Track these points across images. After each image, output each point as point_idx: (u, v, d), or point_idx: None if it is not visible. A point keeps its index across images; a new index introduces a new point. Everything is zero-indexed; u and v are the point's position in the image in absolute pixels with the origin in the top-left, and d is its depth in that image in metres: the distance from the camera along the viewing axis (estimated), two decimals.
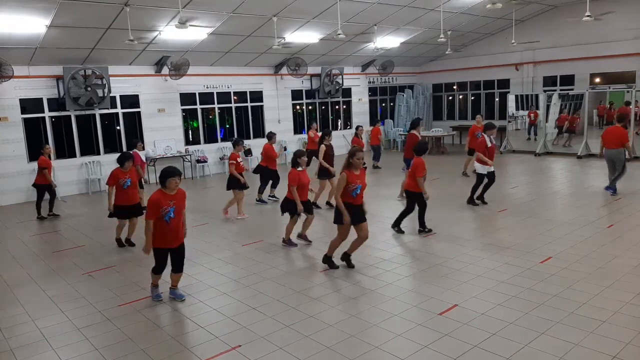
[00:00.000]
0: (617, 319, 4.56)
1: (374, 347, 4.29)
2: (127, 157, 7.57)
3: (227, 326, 4.85)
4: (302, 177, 7.03)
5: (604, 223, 7.76)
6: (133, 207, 7.62)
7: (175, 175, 5.17)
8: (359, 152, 5.77)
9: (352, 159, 5.78)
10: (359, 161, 5.77)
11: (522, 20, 16.46)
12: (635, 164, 13.20)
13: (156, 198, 5.11)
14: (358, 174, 5.84)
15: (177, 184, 5.18)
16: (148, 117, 13.92)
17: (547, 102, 15.96)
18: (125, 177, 7.44)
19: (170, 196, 5.18)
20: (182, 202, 5.33)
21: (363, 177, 5.92)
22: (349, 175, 5.77)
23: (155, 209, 5.08)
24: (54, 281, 6.43)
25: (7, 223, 9.97)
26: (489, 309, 4.90)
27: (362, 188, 5.85)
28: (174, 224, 5.18)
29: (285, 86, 16.66)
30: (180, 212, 5.26)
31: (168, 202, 5.12)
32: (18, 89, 11.80)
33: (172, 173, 5.18)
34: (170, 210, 5.12)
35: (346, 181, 5.75)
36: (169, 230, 5.18)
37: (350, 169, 5.80)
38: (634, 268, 5.80)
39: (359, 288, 5.64)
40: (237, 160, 9.02)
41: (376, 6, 12.25)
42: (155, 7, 9.97)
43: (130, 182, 7.47)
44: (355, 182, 5.78)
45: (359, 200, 5.91)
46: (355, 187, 5.77)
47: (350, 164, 5.80)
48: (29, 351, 4.57)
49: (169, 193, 5.19)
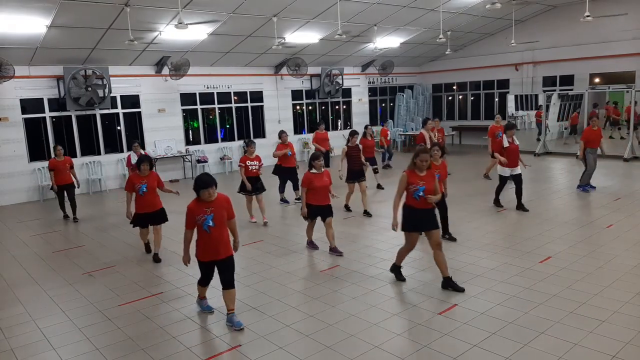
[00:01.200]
0: (617, 319, 4.57)
1: (374, 347, 4.30)
2: (142, 160, 6.96)
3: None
4: (316, 181, 6.66)
5: (604, 223, 7.76)
6: (153, 214, 7.00)
7: (209, 187, 4.62)
8: (424, 154, 5.29)
9: (415, 160, 5.33)
10: (421, 162, 5.29)
11: (521, 20, 16.46)
12: (635, 164, 13.21)
13: (190, 206, 4.72)
14: (423, 175, 5.34)
15: (210, 195, 4.62)
16: (148, 117, 13.93)
17: (547, 102, 15.98)
18: (141, 181, 6.87)
19: (207, 203, 4.67)
20: (222, 209, 4.73)
21: (431, 179, 5.38)
22: (410, 175, 5.35)
23: (189, 217, 4.70)
24: (54, 281, 6.44)
25: (7, 223, 9.98)
26: (488, 309, 4.91)
27: (427, 190, 5.29)
28: (215, 233, 4.68)
29: (286, 86, 16.67)
30: (221, 220, 4.71)
31: (204, 210, 4.64)
32: (19, 89, 11.81)
33: (205, 184, 4.62)
34: (207, 219, 4.64)
35: (406, 182, 5.33)
36: (210, 241, 4.71)
37: (413, 170, 5.37)
38: (633, 268, 5.81)
39: (359, 288, 5.64)
40: (246, 164, 8.53)
41: (376, 6, 12.26)
42: (155, 7, 9.98)
43: (147, 188, 6.86)
44: (417, 183, 5.29)
45: (425, 203, 5.33)
46: (416, 189, 5.28)
47: (414, 164, 5.36)
48: (29, 351, 4.58)
49: (205, 200, 4.70)
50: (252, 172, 8.50)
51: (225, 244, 4.77)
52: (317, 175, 6.69)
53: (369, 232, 8.06)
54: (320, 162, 6.72)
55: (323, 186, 6.70)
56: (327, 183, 6.75)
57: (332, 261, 6.60)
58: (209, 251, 4.75)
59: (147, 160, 6.96)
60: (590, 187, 10.06)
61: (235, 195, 8.36)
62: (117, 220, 9.70)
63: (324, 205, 6.77)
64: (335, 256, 6.76)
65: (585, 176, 10.00)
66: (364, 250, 7.06)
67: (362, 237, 7.78)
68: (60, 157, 9.64)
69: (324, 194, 6.75)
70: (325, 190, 6.75)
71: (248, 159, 8.55)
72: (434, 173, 5.50)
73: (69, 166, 9.71)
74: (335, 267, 6.40)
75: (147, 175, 6.92)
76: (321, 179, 6.70)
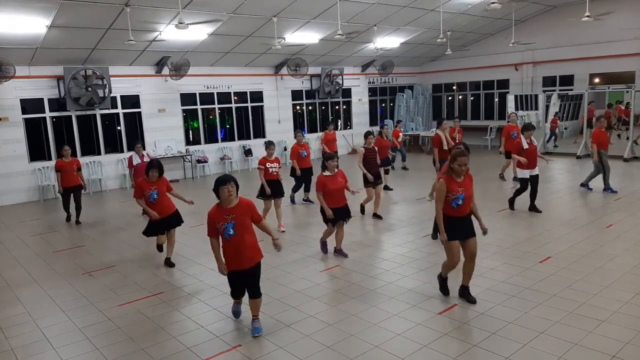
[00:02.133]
0: (617, 319, 4.57)
1: (374, 347, 4.30)
2: (152, 166, 6.54)
3: (227, 326, 4.86)
4: (330, 183, 6.42)
5: (604, 223, 7.76)
6: (167, 218, 6.66)
7: (227, 183, 4.31)
8: (462, 157, 4.78)
9: (452, 164, 4.86)
10: (460, 167, 4.81)
11: (521, 20, 16.47)
12: (635, 164, 13.21)
13: (210, 213, 4.46)
14: (461, 181, 4.90)
15: (230, 192, 4.31)
16: (148, 118, 13.93)
17: (547, 102, 15.98)
18: (150, 188, 6.52)
19: (228, 210, 4.38)
20: (245, 215, 4.43)
21: (469, 184, 4.96)
22: (449, 182, 4.86)
23: (210, 224, 4.46)
24: (55, 281, 6.44)
25: (7, 223, 9.98)
26: (488, 309, 4.90)
27: (466, 198, 4.90)
28: (236, 241, 4.40)
29: (286, 86, 16.68)
30: (244, 227, 4.41)
31: (224, 217, 4.36)
32: (19, 89, 11.82)
33: (222, 181, 4.33)
34: (227, 227, 4.35)
35: (445, 190, 4.86)
36: (232, 250, 4.44)
37: (451, 175, 4.90)
38: (633, 268, 5.81)
39: (359, 288, 5.64)
40: (265, 166, 7.96)
41: (376, 6, 12.26)
42: (156, 8, 9.99)
43: (158, 194, 6.53)
44: (456, 191, 4.84)
45: (464, 211, 4.94)
46: (455, 197, 4.84)
47: (451, 169, 4.89)
48: (29, 351, 4.58)
49: (226, 206, 4.39)
50: (272, 174, 7.98)
51: (249, 251, 4.47)
52: (330, 178, 6.47)
53: (369, 232, 8.05)
54: (334, 163, 6.50)
55: (338, 188, 6.49)
56: (342, 184, 6.55)
57: (332, 261, 6.60)
58: (233, 260, 4.49)
59: (157, 166, 6.57)
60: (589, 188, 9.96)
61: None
62: (118, 220, 9.71)
63: (342, 207, 6.58)
64: (341, 257, 6.71)
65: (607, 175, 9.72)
66: (365, 250, 7.06)
67: (362, 237, 7.78)
68: (67, 158, 9.43)
69: (340, 195, 6.55)
70: (341, 191, 6.54)
71: (268, 161, 8.00)
72: (472, 177, 5.06)
73: (77, 168, 9.49)
74: (335, 267, 6.40)
75: (156, 181, 6.57)
76: (335, 181, 6.49)
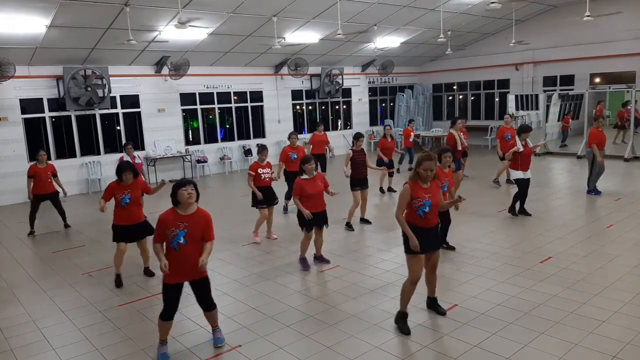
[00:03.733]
0: (617, 319, 4.57)
1: (374, 347, 4.29)
2: (123, 169, 5.97)
3: (227, 326, 4.85)
4: (308, 187, 6.11)
5: (604, 223, 7.76)
6: (136, 227, 6.11)
7: (187, 185, 4.06)
8: (427, 162, 4.43)
9: (418, 169, 4.50)
10: (426, 172, 4.45)
11: (522, 20, 16.46)
12: (635, 164, 13.21)
13: (163, 216, 4.12)
14: (428, 187, 4.53)
15: (189, 194, 4.03)
16: (148, 117, 13.93)
17: (547, 102, 15.97)
18: (123, 192, 5.94)
19: (183, 216, 4.07)
20: (199, 226, 4.09)
21: (437, 190, 4.61)
22: (413, 187, 4.50)
23: (160, 228, 4.11)
24: (54, 281, 6.43)
25: (7, 223, 9.98)
26: (489, 309, 4.90)
27: (433, 205, 4.52)
28: (185, 252, 4.06)
29: (285, 86, 16.67)
30: (195, 239, 4.09)
31: (177, 224, 4.05)
32: (18, 89, 11.81)
33: (182, 183, 4.08)
34: (179, 234, 4.04)
35: (409, 195, 4.48)
36: (178, 260, 4.08)
37: (416, 181, 4.54)
38: (634, 268, 5.80)
39: (358, 288, 5.64)
40: (257, 172, 7.47)
41: (376, 6, 12.25)
42: (155, 7, 9.98)
43: (131, 199, 5.94)
44: (422, 197, 4.48)
45: (430, 221, 4.55)
46: (422, 204, 4.47)
47: (417, 174, 4.51)
48: (29, 351, 4.57)
49: (182, 212, 4.09)
50: (264, 181, 7.51)
51: (194, 266, 4.08)
52: (308, 181, 6.15)
53: (369, 232, 8.05)
54: (311, 166, 6.15)
55: (317, 192, 6.19)
56: (321, 188, 6.24)
57: (332, 261, 6.59)
58: (178, 271, 4.09)
59: (128, 168, 5.97)
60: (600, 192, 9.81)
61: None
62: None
63: (320, 212, 6.25)
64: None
65: (594, 177, 9.66)
66: (364, 251, 7.06)
67: (361, 237, 7.78)
68: (42, 164, 8.79)
69: (319, 199, 6.25)
70: (320, 196, 6.26)
71: (260, 166, 7.52)
72: (439, 183, 4.75)
73: (51, 174, 8.85)
74: (335, 267, 6.39)
75: (131, 184, 5.99)
76: (314, 185, 6.16)
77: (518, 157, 8.28)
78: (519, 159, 8.30)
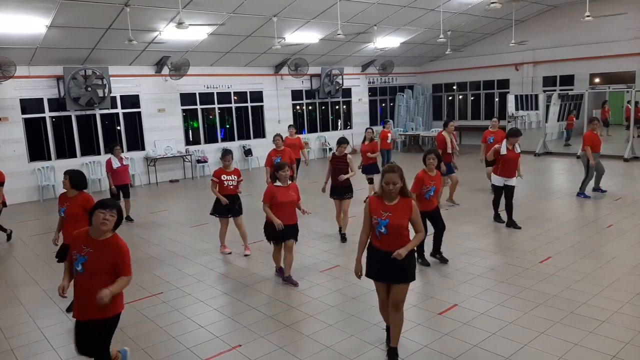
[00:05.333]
0: (617, 319, 4.57)
1: (373, 347, 4.30)
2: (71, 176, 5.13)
3: (227, 326, 4.86)
4: (279, 195, 5.62)
5: (604, 223, 7.77)
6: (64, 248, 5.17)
7: (107, 208, 3.41)
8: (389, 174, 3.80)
9: (381, 182, 3.86)
10: (387, 186, 3.78)
11: (522, 20, 16.47)
12: (635, 164, 13.21)
13: (76, 233, 3.56)
14: (391, 205, 3.82)
15: (104, 221, 3.38)
16: (148, 117, 13.93)
17: (547, 102, 15.98)
18: (63, 204, 5.19)
19: (91, 241, 3.43)
20: (106, 258, 3.38)
21: (403, 211, 3.82)
22: (372, 203, 3.89)
23: (70, 247, 3.57)
24: (55, 281, 6.41)
25: (7, 223, 9.97)
26: (488, 309, 4.90)
27: (391, 226, 3.78)
28: (82, 282, 3.41)
29: (286, 86, 16.68)
30: (96, 271, 3.36)
31: (81, 247, 3.41)
32: (18, 89, 11.81)
33: (100, 204, 3.45)
34: (78, 259, 3.39)
35: (367, 211, 3.91)
36: (77, 290, 3.46)
37: (380, 195, 3.89)
38: (633, 268, 5.81)
39: (359, 288, 5.63)
40: (220, 179, 6.91)
41: (376, 6, 12.25)
42: (155, 7, 9.98)
43: (65, 213, 5.12)
44: (379, 215, 3.80)
45: (388, 244, 3.80)
46: (376, 222, 3.81)
47: (381, 187, 3.86)
48: (30, 351, 4.58)
49: (92, 235, 3.45)
50: (228, 188, 6.90)
51: (89, 300, 3.33)
52: (281, 189, 5.66)
53: None
54: (285, 174, 5.67)
55: (288, 202, 5.67)
56: (294, 198, 5.72)
57: (332, 261, 6.59)
58: (76, 304, 3.50)
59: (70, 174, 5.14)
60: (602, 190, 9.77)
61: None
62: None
63: (290, 225, 5.69)
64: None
65: (588, 180, 9.59)
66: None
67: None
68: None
69: (290, 210, 5.70)
70: (291, 206, 5.72)
71: (224, 172, 6.94)
72: (410, 203, 3.86)
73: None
74: (335, 267, 6.39)
75: (74, 197, 5.12)
76: (286, 194, 5.67)
77: (499, 160, 7.63)
78: (499, 163, 7.65)
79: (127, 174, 9.63)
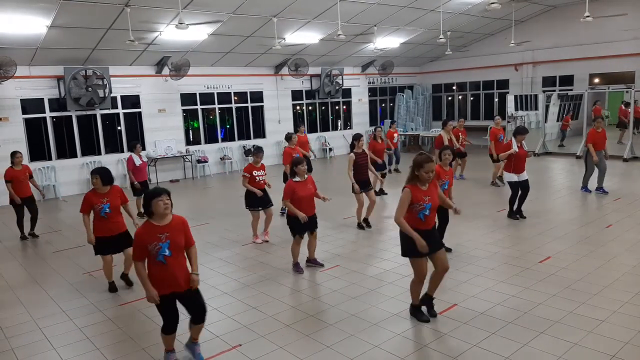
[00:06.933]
0: (616, 319, 4.57)
1: (373, 347, 4.30)
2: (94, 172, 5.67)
3: (227, 326, 4.86)
4: (300, 190, 5.98)
5: (604, 223, 7.77)
6: (117, 237, 5.77)
7: (162, 195, 3.81)
8: (428, 164, 4.41)
9: (418, 171, 4.47)
10: (427, 175, 4.44)
11: (521, 20, 16.47)
12: (635, 164, 13.21)
13: (139, 232, 3.86)
14: (427, 190, 4.52)
15: (166, 205, 3.82)
16: (149, 118, 13.94)
17: (547, 102, 15.98)
18: (101, 201, 5.61)
19: (161, 227, 3.84)
20: (179, 234, 3.91)
21: (435, 191, 4.62)
22: (414, 191, 4.47)
23: (139, 247, 3.85)
24: (55, 281, 6.44)
25: (7, 223, 9.98)
26: (488, 309, 4.91)
27: (433, 208, 4.55)
28: (172, 264, 3.86)
29: (286, 86, 16.68)
30: (179, 248, 3.91)
31: (158, 237, 3.81)
32: (19, 89, 11.82)
33: (154, 194, 3.82)
34: (162, 247, 3.81)
35: (410, 199, 4.46)
36: (167, 273, 3.87)
37: (415, 183, 4.50)
38: (633, 268, 5.81)
39: (359, 288, 5.65)
40: (252, 174, 7.37)
41: (376, 6, 12.26)
42: (156, 8, 9.99)
43: (110, 208, 5.62)
44: (422, 200, 4.46)
45: (430, 223, 4.59)
46: (422, 207, 4.47)
47: (416, 177, 4.50)
48: (30, 351, 4.58)
49: (158, 223, 3.86)
50: (259, 183, 7.41)
51: (185, 272, 3.96)
52: (300, 184, 6.02)
53: (368, 232, 8.05)
54: (304, 168, 6.05)
55: (308, 195, 6.06)
56: (312, 191, 6.14)
57: (332, 261, 6.60)
58: (166, 283, 3.89)
59: (97, 172, 5.63)
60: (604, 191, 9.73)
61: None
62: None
63: (311, 217, 6.11)
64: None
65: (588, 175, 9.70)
66: (364, 251, 7.06)
67: (361, 237, 7.78)
68: (18, 166, 8.42)
69: (310, 202, 6.11)
70: (311, 199, 6.12)
71: (254, 168, 7.41)
72: (436, 183, 4.73)
73: (29, 175, 8.54)
74: (335, 267, 6.40)
75: (108, 192, 5.68)
76: (305, 188, 6.05)
77: (512, 159, 8.12)
78: (512, 161, 8.14)
79: (146, 171, 10.00)
